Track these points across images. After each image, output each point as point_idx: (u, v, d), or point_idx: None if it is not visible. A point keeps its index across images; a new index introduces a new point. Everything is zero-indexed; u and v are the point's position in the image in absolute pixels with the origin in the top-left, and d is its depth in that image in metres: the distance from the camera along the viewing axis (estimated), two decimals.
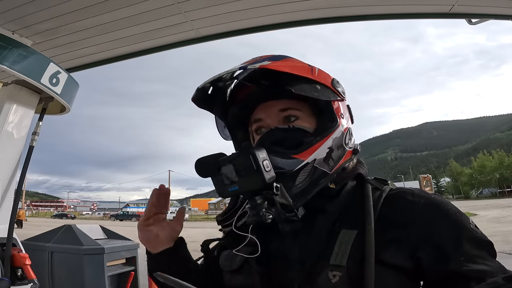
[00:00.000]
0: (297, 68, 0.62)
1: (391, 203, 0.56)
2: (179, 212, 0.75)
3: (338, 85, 0.66)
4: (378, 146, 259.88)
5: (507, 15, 2.09)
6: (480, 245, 0.51)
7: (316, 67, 0.66)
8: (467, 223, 0.53)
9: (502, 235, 9.61)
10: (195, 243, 0.89)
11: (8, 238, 1.85)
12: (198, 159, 0.57)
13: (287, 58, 0.66)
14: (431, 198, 0.56)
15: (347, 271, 0.49)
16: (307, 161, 0.57)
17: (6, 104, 2.02)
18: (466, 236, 0.51)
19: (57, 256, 3.41)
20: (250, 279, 0.59)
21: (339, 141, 0.62)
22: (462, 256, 0.49)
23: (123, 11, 1.94)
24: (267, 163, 0.51)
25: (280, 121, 0.64)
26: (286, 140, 0.61)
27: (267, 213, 0.52)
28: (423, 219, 0.53)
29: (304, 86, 0.60)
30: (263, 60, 0.62)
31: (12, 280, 1.81)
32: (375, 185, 0.61)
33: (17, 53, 1.91)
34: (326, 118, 0.63)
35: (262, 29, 2.23)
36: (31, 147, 2.10)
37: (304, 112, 0.64)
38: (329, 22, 2.20)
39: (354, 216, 0.55)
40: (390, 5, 2.06)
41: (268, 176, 0.50)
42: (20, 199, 2.42)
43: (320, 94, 0.61)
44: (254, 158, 0.50)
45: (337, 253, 0.51)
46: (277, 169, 0.54)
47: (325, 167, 0.59)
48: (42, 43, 2.17)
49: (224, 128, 0.74)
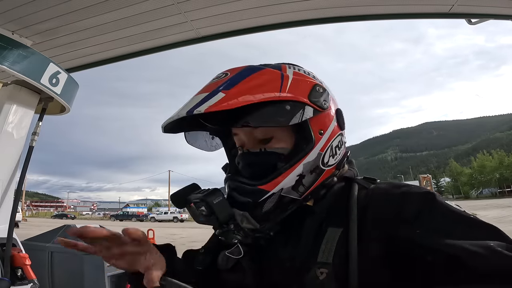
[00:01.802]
0: (262, 89, 0.56)
1: (372, 198, 0.57)
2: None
3: (317, 95, 0.59)
4: (378, 146, 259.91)
5: (507, 15, 2.09)
6: (455, 219, 0.48)
7: (291, 74, 0.60)
8: (439, 198, 0.52)
9: None
10: (195, 243, 0.89)
11: (8, 238, 1.86)
12: (172, 194, 0.60)
13: (254, 74, 0.59)
14: (408, 185, 0.57)
15: (333, 268, 0.51)
16: (273, 191, 0.57)
17: (6, 104, 2.02)
18: (437, 208, 0.50)
19: (57, 256, 3.41)
20: (243, 278, 0.61)
21: (312, 164, 0.59)
22: (431, 228, 0.47)
23: (123, 11, 1.94)
24: (222, 204, 0.55)
25: (255, 141, 0.62)
26: (256, 166, 0.61)
27: (234, 237, 0.57)
28: (397, 201, 0.53)
29: (267, 112, 0.55)
30: (218, 89, 0.56)
31: (12, 280, 1.82)
32: (362, 184, 0.61)
33: (17, 53, 1.91)
34: (301, 138, 0.60)
35: (262, 29, 2.24)
36: (31, 147, 2.10)
37: (280, 130, 0.61)
38: (329, 22, 2.20)
39: (339, 214, 0.57)
40: (390, 5, 2.06)
41: (222, 218, 0.55)
42: (20, 199, 2.42)
43: (289, 116, 0.55)
44: (208, 205, 0.54)
45: (323, 251, 0.53)
46: (244, 198, 0.58)
47: (294, 194, 0.59)
48: (42, 43, 2.17)
49: (212, 139, 0.74)
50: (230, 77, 0.59)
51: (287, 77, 0.59)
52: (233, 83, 0.57)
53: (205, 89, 0.59)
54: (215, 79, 0.62)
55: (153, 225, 25.20)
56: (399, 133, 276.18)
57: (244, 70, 0.60)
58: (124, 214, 44.84)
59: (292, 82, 0.58)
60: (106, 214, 59.66)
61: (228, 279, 0.64)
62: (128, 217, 42.24)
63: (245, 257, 0.61)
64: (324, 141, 0.60)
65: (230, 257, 0.63)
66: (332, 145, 0.62)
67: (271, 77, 0.59)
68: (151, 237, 5.96)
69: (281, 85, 0.57)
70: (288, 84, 0.58)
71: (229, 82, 0.57)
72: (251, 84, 0.57)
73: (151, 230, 5.98)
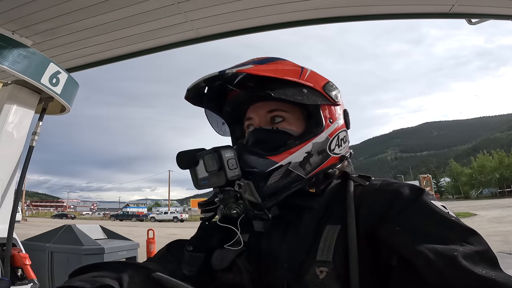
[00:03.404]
0: (283, 72, 0.62)
1: (364, 195, 0.57)
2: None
3: (331, 89, 0.66)
4: (378, 146, 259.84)
5: (507, 15, 2.09)
6: (433, 220, 0.47)
7: (309, 70, 0.66)
8: (425, 197, 0.51)
9: (502, 235, 9.61)
10: None
11: (8, 238, 1.85)
12: (179, 152, 0.60)
13: (276, 61, 0.66)
14: (395, 181, 0.58)
15: (334, 266, 0.50)
16: (281, 163, 0.58)
17: (6, 104, 2.02)
18: (416, 206, 0.49)
19: (57, 256, 3.41)
20: (240, 278, 0.59)
21: (321, 146, 0.62)
22: (399, 226, 0.47)
23: (123, 11, 1.94)
24: (232, 162, 0.55)
25: (267, 122, 0.65)
26: (267, 141, 0.63)
27: (234, 208, 0.55)
28: (386, 198, 0.53)
29: (287, 90, 0.60)
30: (247, 64, 0.63)
31: (12, 280, 1.81)
32: (358, 181, 0.62)
33: (17, 53, 1.91)
34: (312, 122, 0.63)
35: (262, 29, 2.23)
36: (31, 147, 2.10)
37: (292, 114, 0.65)
38: (329, 22, 2.20)
39: (337, 212, 0.56)
40: (390, 5, 2.06)
41: (230, 174, 0.55)
42: (20, 199, 2.42)
43: (305, 98, 0.61)
44: (219, 156, 0.54)
45: (322, 249, 0.52)
46: (250, 168, 0.58)
47: (300, 171, 0.60)
48: (42, 43, 2.17)
49: (222, 124, 0.77)
50: (255, 60, 0.67)
51: (306, 69, 0.66)
52: (260, 63, 0.65)
53: (237, 64, 0.65)
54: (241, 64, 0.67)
55: (153, 225, 25.20)
56: (399, 133, 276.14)
57: (268, 57, 0.68)
58: (124, 214, 44.82)
59: (310, 74, 0.65)
60: (106, 214, 59.64)
61: (224, 278, 0.62)
62: (128, 217, 42.22)
63: (241, 257, 0.60)
64: (332, 129, 0.64)
65: (227, 256, 0.61)
66: (338, 136, 0.65)
67: (291, 66, 0.66)
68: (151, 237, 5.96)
69: (301, 74, 0.64)
70: (307, 75, 0.64)
71: (257, 61, 0.65)
72: (275, 66, 0.64)
73: (151, 230, 5.98)
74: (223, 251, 0.63)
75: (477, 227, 0.48)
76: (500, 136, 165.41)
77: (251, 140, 0.65)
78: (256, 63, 0.64)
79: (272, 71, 0.61)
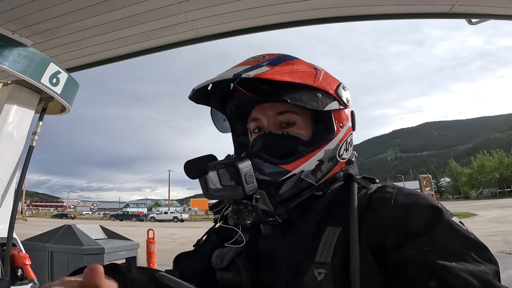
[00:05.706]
0: (299, 74, 0.59)
1: (376, 200, 0.56)
2: None
3: (343, 92, 0.64)
4: (378, 146, 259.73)
5: (507, 15, 2.09)
6: (459, 240, 0.48)
7: (323, 70, 0.64)
8: (446, 215, 0.51)
9: (502, 235, 9.59)
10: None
11: (8, 238, 1.85)
12: (188, 160, 0.58)
13: (292, 60, 0.63)
14: (410, 192, 0.56)
15: (332, 268, 0.49)
16: (294, 172, 0.57)
17: (6, 104, 2.02)
18: (440, 226, 0.49)
19: (57, 256, 3.41)
20: (239, 277, 0.59)
21: (332, 153, 0.61)
22: (428, 246, 0.46)
23: (123, 11, 1.94)
24: (249, 175, 0.52)
25: (276, 124, 0.63)
26: (278, 147, 0.60)
27: (247, 217, 0.55)
28: (398, 210, 0.53)
29: (302, 94, 0.58)
30: (262, 64, 0.59)
31: (12, 280, 1.82)
32: (362, 183, 0.61)
33: (17, 53, 1.92)
34: (324, 127, 0.62)
35: (262, 29, 2.23)
36: (31, 147, 2.10)
37: (302, 116, 0.62)
38: (329, 22, 2.20)
39: (339, 213, 0.56)
40: (391, 5, 2.06)
41: (249, 189, 0.52)
42: (20, 199, 2.42)
43: (320, 103, 0.59)
44: (237, 171, 0.52)
45: (321, 251, 0.52)
46: (263, 176, 0.56)
47: (312, 179, 0.59)
48: (42, 43, 2.17)
49: (223, 121, 0.74)
50: (269, 58, 0.63)
51: (319, 71, 0.64)
52: (275, 63, 0.61)
53: (244, 63, 0.62)
54: (252, 58, 0.65)
55: (153, 225, 25.19)
56: (399, 133, 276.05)
57: (281, 55, 0.65)
58: (124, 214, 44.81)
59: (323, 76, 0.63)
60: (106, 214, 59.62)
61: (223, 277, 0.62)
62: (128, 217, 42.21)
63: (241, 256, 0.60)
64: (342, 135, 0.63)
65: (226, 255, 0.62)
66: (347, 140, 0.64)
67: (306, 67, 0.63)
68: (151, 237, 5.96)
69: (315, 76, 0.61)
70: (321, 77, 0.62)
71: (271, 61, 0.61)
72: (290, 68, 0.61)
73: (151, 230, 5.97)
74: (223, 250, 0.64)
75: (477, 227, 0.49)
76: (500, 136, 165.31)
77: (261, 145, 0.62)
78: (270, 64, 0.60)
79: (289, 74, 0.58)
